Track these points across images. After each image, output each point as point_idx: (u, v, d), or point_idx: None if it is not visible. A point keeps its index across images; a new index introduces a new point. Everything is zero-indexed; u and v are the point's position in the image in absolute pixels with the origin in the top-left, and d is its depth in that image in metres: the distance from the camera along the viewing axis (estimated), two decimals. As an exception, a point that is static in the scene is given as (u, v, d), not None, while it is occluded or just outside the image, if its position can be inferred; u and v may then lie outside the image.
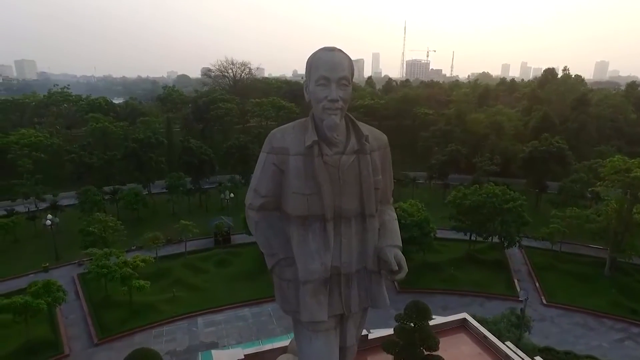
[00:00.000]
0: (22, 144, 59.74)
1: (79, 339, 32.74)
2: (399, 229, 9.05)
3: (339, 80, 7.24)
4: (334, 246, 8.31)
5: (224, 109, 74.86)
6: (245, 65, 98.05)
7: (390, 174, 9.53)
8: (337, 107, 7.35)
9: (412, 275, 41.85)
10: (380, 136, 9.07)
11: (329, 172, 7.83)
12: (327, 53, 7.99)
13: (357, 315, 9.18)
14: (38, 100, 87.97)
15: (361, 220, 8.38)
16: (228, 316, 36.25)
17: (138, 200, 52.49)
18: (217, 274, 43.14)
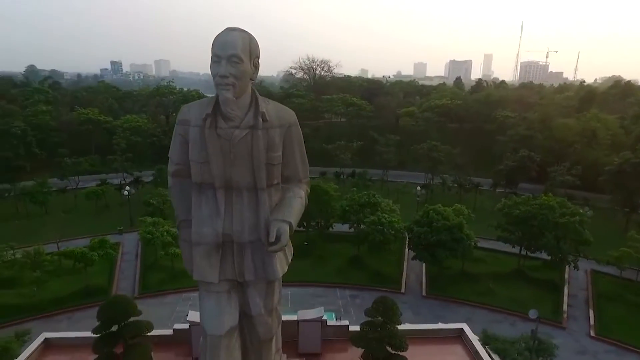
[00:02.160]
0: (125, 127, 70.52)
1: (125, 291, 38.13)
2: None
3: (229, 57, 8.27)
4: (226, 215, 9.57)
5: (294, 104, 78.32)
6: (325, 63, 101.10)
7: (301, 153, 10.24)
8: (227, 83, 8.45)
9: (444, 281, 39.99)
10: (286, 115, 9.93)
11: (221, 144, 9.08)
12: (224, 33, 9.25)
13: (261, 287, 10.15)
14: (148, 92, 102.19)
15: (254, 192, 9.46)
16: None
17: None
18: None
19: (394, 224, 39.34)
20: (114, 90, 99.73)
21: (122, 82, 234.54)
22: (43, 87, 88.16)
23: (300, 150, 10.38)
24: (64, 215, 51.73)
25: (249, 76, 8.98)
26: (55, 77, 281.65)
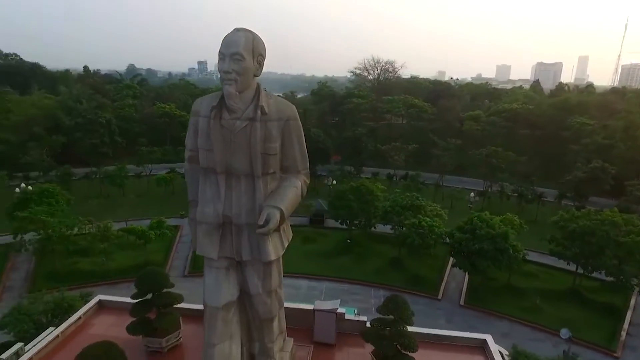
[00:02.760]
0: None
1: (177, 269, 42.04)
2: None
3: (232, 55, 10.00)
4: (226, 198, 11.50)
5: (354, 104, 78.99)
6: (389, 64, 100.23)
7: (300, 146, 11.82)
8: (230, 78, 10.34)
9: (485, 293, 38.45)
10: (285, 109, 11.54)
11: (223, 133, 11.00)
12: (230, 33, 11.03)
13: (258, 267, 11.94)
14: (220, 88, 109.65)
15: (251, 179, 11.26)
16: (287, 282, 40.06)
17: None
18: (299, 247, 47.47)
19: (435, 228, 38.47)
20: (192, 87, 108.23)
21: (206, 81, 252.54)
22: (132, 83, 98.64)
23: (299, 142, 11.60)
24: (136, 198, 57.91)
25: (251, 72, 10.22)
26: (149, 75, 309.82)
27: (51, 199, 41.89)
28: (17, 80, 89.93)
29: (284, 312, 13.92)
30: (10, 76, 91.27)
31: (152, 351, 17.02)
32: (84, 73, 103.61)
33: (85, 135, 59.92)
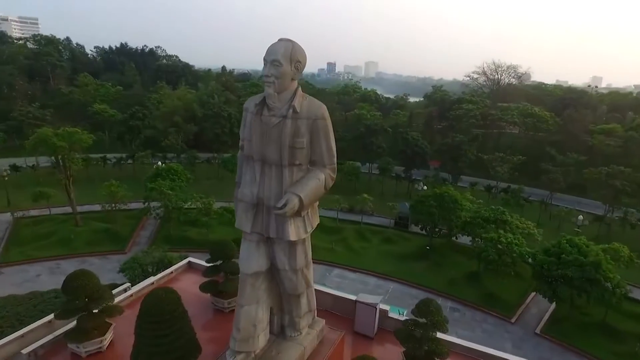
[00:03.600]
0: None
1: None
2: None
3: (272, 61, 11.62)
4: (260, 182, 14.20)
5: (463, 110, 75.50)
6: (512, 69, 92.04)
7: (327, 143, 13.75)
8: (269, 81, 12.59)
9: (571, 326, 35.07)
10: (315, 110, 13.65)
11: (261, 127, 13.68)
12: (273, 43, 13.67)
13: (284, 246, 14.19)
14: (336, 90, 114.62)
15: (280, 168, 13.82)
16: (357, 277, 42.08)
17: (353, 174, 63.75)
18: (377, 247, 48.73)
19: (515, 246, 35.83)
20: (309, 87, 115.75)
21: (333, 81, 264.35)
22: (258, 82, 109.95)
23: (325, 139, 12.94)
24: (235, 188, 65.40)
25: (289, 77, 11.69)
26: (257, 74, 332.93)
27: (174, 176, 50.75)
28: (172, 77, 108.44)
29: (313, 292, 14.95)
30: (168, 74, 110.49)
31: (217, 309, 19.67)
32: (220, 72, 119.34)
33: (212, 125, 69.97)
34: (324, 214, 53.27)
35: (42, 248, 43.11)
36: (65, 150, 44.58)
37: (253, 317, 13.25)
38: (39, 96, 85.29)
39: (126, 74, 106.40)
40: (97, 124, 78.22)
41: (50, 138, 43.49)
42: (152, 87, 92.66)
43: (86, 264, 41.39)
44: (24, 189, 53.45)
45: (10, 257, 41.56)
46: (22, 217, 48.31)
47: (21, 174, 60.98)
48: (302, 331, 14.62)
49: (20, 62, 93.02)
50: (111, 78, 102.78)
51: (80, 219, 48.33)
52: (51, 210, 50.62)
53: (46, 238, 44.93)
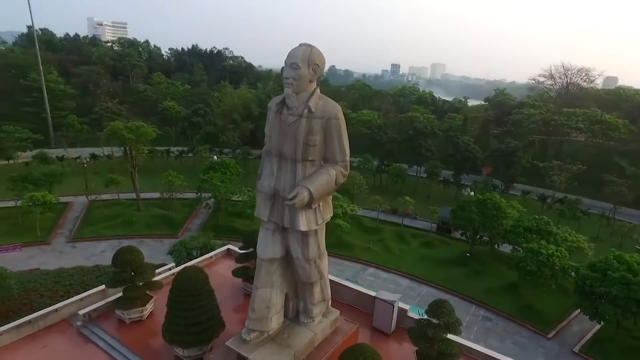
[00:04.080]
0: (357, 120, 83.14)
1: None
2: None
3: (291, 64, 12.91)
4: (277, 175, 15.75)
5: (524, 115, 71.75)
6: (584, 72, 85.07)
7: (339, 141, 14.84)
8: (287, 83, 13.99)
9: (616, 348, 33.15)
10: (330, 110, 14.86)
11: (280, 125, 15.24)
12: (294, 47, 15.12)
13: (297, 235, 15.58)
14: (394, 92, 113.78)
15: (294, 163, 15.27)
16: (390, 278, 42.35)
17: (399, 176, 63.57)
18: (416, 250, 48.44)
19: (555, 258, 34.07)
20: (366, 88, 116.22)
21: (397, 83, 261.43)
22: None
23: (338, 138, 13.79)
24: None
25: (307, 79, 12.77)
26: (347, 76, 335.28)
27: (226, 170, 54.38)
28: (235, 77, 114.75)
29: (326, 283, 16.13)
30: (232, 73, 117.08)
31: (247, 293, 21.18)
32: (280, 72, 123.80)
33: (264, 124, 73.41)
34: (364, 214, 54.15)
35: (109, 228, 48.60)
36: (132, 141, 49.86)
37: (267, 300, 14.49)
38: (119, 93, 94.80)
39: (195, 74, 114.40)
40: (166, 119, 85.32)
41: (120, 130, 48.95)
42: (215, 86, 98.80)
43: (143, 245, 45.95)
44: (100, 175, 60.25)
45: (83, 234, 47.41)
46: (95, 199, 54.65)
47: (99, 162, 68.61)
48: (315, 319, 15.73)
49: (106, 63, 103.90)
50: (181, 77, 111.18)
51: (142, 204, 53.60)
52: (119, 196, 56.66)
53: (113, 219, 50.50)
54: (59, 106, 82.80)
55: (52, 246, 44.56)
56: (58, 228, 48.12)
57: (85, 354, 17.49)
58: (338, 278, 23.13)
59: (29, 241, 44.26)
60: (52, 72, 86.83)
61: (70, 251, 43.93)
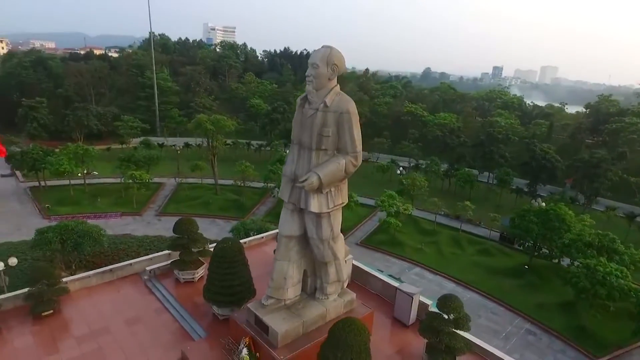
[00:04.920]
0: (434, 123, 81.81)
1: (356, 237, 50.69)
2: None
3: (311, 64, 14.78)
4: (297, 161, 18.67)
5: (624, 123, 64.10)
6: None
7: (350, 133, 17.01)
8: (308, 80, 16.40)
9: None
10: (343, 105, 17.10)
11: (301, 117, 18.12)
12: (316, 49, 17.89)
13: (312, 217, 18.13)
14: (480, 95, 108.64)
15: (310, 151, 18.08)
16: (435, 279, 42.19)
17: (467, 181, 61.62)
18: (470, 256, 47.13)
19: (614, 277, 31.20)
20: (450, 91, 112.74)
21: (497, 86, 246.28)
22: (396, 84, 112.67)
23: (349, 131, 15.60)
24: (359, 179, 69.88)
25: (325, 77, 14.39)
26: (442, 78, 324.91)
27: (292, 162, 58.60)
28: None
29: (341, 265, 17.47)
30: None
31: None
32: (361, 73, 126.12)
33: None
34: (424, 216, 54.01)
35: (189, 207, 55.77)
36: (213, 132, 56.48)
37: (284, 271, 16.40)
38: (215, 90, 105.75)
39: (283, 74, 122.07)
40: (252, 115, 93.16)
41: (204, 122, 55.83)
42: (299, 85, 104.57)
43: (214, 224, 52.20)
44: (189, 161, 68.84)
45: (168, 209, 55.18)
46: (182, 182, 62.85)
47: (190, 150, 78.08)
48: (330, 297, 17.30)
49: (207, 64, 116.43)
50: (271, 77, 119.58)
51: (219, 189, 60.23)
52: (202, 180, 64.27)
53: (193, 200, 57.76)
54: (165, 100, 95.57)
55: (143, 217, 52.83)
56: (150, 203, 56.70)
57: (146, 302, 21.73)
58: (369, 267, 24.90)
59: (127, 211, 53.12)
60: (163, 71, 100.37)
61: (156, 223, 51.64)
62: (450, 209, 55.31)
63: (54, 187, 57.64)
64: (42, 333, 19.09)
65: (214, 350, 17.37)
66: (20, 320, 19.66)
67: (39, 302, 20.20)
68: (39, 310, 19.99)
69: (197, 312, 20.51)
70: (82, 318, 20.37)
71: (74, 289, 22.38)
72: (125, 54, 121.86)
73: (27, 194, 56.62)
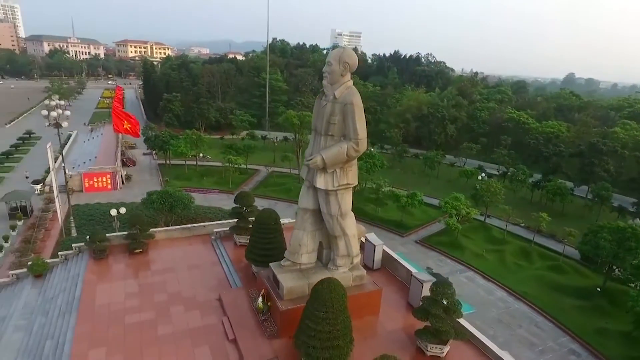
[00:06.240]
0: (539, 131, 75.65)
1: (416, 235, 51.61)
2: None
3: (327, 62, 18.84)
4: (313, 145, 23.62)
5: None
6: None
7: (353, 122, 21.08)
8: (324, 76, 21.20)
9: None
10: (348, 97, 21.30)
11: (318, 108, 23.05)
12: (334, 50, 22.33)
13: (322, 194, 22.90)
14: (610, 103, 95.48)
15: (321, 137, 22.85)
16: (485, 285, 41.16)
17: (558, 194, 56.61)
18: (536, 270, 44.28)
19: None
20: (571, 98, 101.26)
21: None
22: (505, 89, 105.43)
23: (352, 120, 19.24)
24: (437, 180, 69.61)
25: (338, 73, 17.82)
26: (589, 85, 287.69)
27: (370, 160, 61.53)
28: (425, 81, 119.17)
29: (351, 241, 20.12)
30: (422, 77, 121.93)
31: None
32: (469, 77, 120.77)
33: (424, 124, 76.45)
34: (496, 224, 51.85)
35: (274, 192, 63.11)
36: (299, 127, 62.79)
37: (299, 239, 20.12)
38: (319, 91, 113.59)
39: (388, 77, 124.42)
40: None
41: (291, 118, 62.52)
42: (399, 89, 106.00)
43: (291, 208, 58.24)
44: (282, 152, 76.93)
45: (256, 192, 62.68)
46: (273, 171, 70.93)
47: (286, 143, 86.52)
48: (339, 268, 20.35)
49: (317, 66, 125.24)
50: (376, 80, 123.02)
51: (302, 178, 66.42)
52: (290, 170, 71.43)
53: (279, 186, 65.01)
54: (275, 99, 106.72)
55: (234, 195, 61.72)
56: (243, 184, 65.71)
57: (207, 255, 28.41)
58: (398, 256, 27.63)
59: (223, 189, 62.71)
60: (276, 73, 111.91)
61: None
62: (525, 219, 52.04)
63: (175, 165, 70.81)
64: (131, 263, 27.15)
65: (242, 298, 22.43)
66: (120, 252, 28.11)
67: (133, 241, 28.15)
68: (132, 248, 28.00)
69: (240, 268, 26.08)
70: (159, 258, 27.95)
71: (160, 237, 30.42)
72: (248, 57, 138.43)
73: (157, 169, 70.77)
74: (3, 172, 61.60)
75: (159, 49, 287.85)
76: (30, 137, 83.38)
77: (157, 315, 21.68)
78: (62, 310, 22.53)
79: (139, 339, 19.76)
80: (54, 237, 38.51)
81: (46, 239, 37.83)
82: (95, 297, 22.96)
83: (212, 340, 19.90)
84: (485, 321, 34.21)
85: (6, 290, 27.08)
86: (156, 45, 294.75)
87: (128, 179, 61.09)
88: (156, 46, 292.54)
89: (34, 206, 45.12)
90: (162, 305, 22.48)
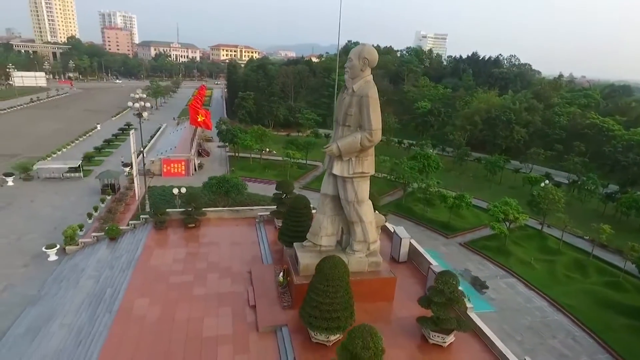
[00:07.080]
0: (623, 138, 68.72)
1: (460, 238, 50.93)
2: None
3: (349, 58, 21.07)
4: (334, 135, 26.52)
5: None
6: None
7: (368, 114, 23.37)
8: (345, 71, 24.00)
9: None
10: (364, 90, 23.59)
11: (340, 100, 25.93)
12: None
13: (340, 180, 25.49)
14: None
15: (341, 127, 25.69)
16: (525, 292, 39.59)
17: (633, 207, 51.73)
18: (590, 285, 41.43)
19: None
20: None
21: None
22: (594, 93, 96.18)
23: (367, 111, 21.19)
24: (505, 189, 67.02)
25: (358, 68, 19.95)
26: None
27: (424, 161, 61.62)
28: (502, 83, 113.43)
29: (367, 228, 21.74)
30: (499, 80, 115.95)
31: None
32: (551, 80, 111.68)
33: (490, 127, 73.57)
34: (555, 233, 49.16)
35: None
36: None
37: (320, 222, 22.46)
38: (388, 92, 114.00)
39: (462, 79, 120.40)
40: (417, 117, 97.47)
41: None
42: (470, 91, 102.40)
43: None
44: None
45: (310, 185, 65.95)
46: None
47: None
48: (356, 254, 21.45)
49: (389, 68, 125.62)
50: (450, 82, 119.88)
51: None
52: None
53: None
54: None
55: (292, 187, 65.91)
56: (301, 178, 69.41)
57: (249, 235, 32.60)
58: (424, 250, 28.82)
59: (281, 182, 67.16)
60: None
61: (296, 192, 63.65)
62: (591, 232, 48.39)
63: (242, 157, 77.13)
64: (184, 235, 32.36)
65: (269, 273, 25.83)
66: (177, 226, 33.38)
67: (188, 217, 33.06)
68: (187, 222, 32.93)
69: (275, 250, 29.62)
70: (208, 234, 32.75)
71: (212, 216, 35.15)
72: (321, 59, 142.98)
73: (226, 159, 77.73)
74: (103, 156, 72.64)
75: (248, 52, 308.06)
76: (129, 128, 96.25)
77: (195, 278, 25.81)
78: (123, 267, 27.69)
79: (177, 295, 23.88)
80: (132, 210, 45.60)
81: (125, 212, 44.98)
82: (150, 259, 27.83)
83: (235, 304, 23.31)
84: (514, 327, 33.55)
85: (88, 248, 33.61)
86: (245, 48, 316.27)
87: (200, 167, 68.33)
88: (245, 49, 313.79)
89: (120, 184, 53.31)
90: (201, 271, 26.63)
